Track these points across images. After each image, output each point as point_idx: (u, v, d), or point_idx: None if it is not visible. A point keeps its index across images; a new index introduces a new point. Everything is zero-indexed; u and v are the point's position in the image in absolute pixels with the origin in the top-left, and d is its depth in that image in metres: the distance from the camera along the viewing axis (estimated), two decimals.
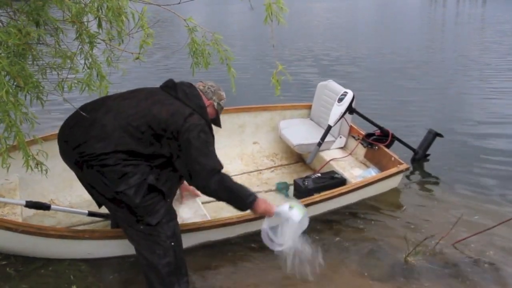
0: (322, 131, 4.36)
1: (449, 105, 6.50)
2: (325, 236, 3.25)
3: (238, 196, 2.67)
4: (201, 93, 2.80)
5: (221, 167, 2.63)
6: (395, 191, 3.86)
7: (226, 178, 2.63)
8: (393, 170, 3.65)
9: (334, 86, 4.40)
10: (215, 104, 2.85)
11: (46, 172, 2.43)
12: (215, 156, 2.65)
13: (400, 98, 6.86)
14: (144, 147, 2.50)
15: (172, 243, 2.56)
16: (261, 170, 4.37)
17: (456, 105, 6.51)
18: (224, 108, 4.31)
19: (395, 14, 19.04)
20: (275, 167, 4.45)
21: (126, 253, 2.84)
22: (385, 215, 3.55)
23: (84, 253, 2.83)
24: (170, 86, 2.75)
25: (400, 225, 3.40)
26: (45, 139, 3.17)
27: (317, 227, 3.32)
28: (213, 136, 2.77)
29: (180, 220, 3.18)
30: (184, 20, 2.74)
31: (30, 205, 2.70)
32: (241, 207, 2.72)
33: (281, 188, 3.92)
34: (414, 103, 6.58)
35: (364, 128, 4.32)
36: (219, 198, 2.70)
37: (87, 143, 2.46)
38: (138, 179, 2.45)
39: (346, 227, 3.38)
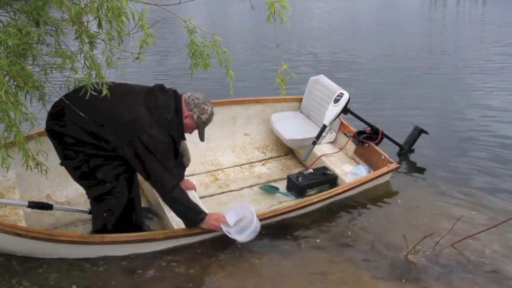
0: (312, 124, 4.48)
1: (444, 103, 6.48)
2: (323, 235, 3.27)
3: (192, 210, 2.85)
4: (183, 103, 2.84)
5: (179, 180, 2.88)
6: (388, 188, 3.90)
7: (182, 191, 2.84)
8: (384, 169, 3.77)
9: (325, 82, 4.45)
10: (195, 116, 2.84)
11: (46, 173, 2.45)
12: (172, 168, 2.80)
13: (395, 96, 6.83)
14: (96, 140, 2.71)
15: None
16: (252, 162, 4.44)
17: (451, 103, 6.49)
18: (218, 100, 4.41)
19: (395, 14, 18.87)
20: (265, 159, 4.52)
21: (130, 254, 2.89)
22: (381, 213, 3.58)
23: (91, 255, 2.86)
24: (150, 91, 2.82)
25: (397, 223, 3.40)
26: (41, 134, 3.17)
27: (314, 226, 3.35)
28: (176, 149, 2.90)
29: None
30: (184, 21, 2.74)
31: (33, 205, 2.72)
32: (191, 223, 2.88)
33: (270, 190, 3.93)
34: (409, 101, 6.56)
35: (354, 124, 4.39)
36: (175, 206, 2.84)
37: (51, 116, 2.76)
38: (80, 162, 2.76)
39: (344, 225, 3.39)
